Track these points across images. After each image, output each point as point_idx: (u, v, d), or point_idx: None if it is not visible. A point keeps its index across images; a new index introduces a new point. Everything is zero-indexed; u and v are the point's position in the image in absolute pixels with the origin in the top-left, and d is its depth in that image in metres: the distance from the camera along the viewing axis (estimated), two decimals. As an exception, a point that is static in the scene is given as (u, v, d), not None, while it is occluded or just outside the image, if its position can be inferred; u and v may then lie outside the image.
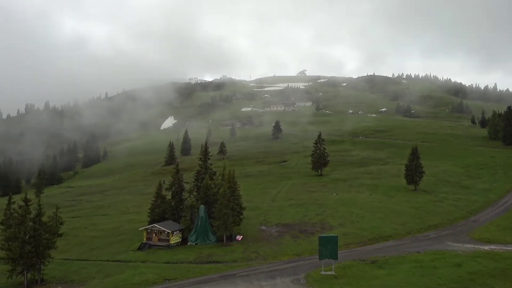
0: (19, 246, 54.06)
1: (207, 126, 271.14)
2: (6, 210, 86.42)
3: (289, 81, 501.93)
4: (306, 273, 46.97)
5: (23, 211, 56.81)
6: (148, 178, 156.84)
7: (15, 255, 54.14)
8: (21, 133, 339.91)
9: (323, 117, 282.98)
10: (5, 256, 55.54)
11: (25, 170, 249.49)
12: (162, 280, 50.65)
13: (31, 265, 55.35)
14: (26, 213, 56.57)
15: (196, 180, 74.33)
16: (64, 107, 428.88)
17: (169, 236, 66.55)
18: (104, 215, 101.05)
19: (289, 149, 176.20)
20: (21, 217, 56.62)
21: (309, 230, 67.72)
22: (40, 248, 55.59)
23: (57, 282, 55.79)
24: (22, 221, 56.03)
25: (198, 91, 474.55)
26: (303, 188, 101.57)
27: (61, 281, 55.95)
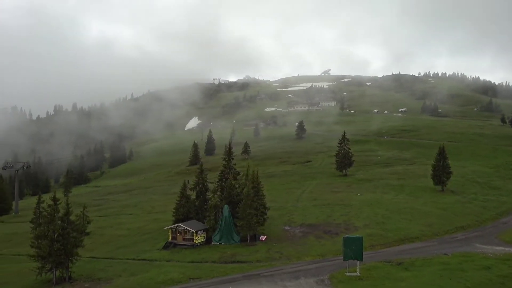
0: (48, 244, 55.36)
1: (231, 126, 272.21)
2: (35, 209, 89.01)
3: (313, 80, 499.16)
4: (330, 274, 46.56)
5: (52, 210, 58.15)
6: (173, 178, 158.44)
7: (44, 253, 55.48)
8: (51, 134, 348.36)
9: (347, 117, 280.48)
10: (35, 253, 57.03)
11: (54, 170, 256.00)
12: (187, 279, 51.03)
13: (60, 263, 56.58)
14: (55, 212, 57.89)
15: (220, 180, 74.63)
16: (91, 108, 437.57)
17: (194, 236, 67.03)
18: (130, 214, 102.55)
19: (313, 149, 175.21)
20: (50, 216, 57.96)
21: (334, 230, 67.15)
22: (68, 246, 56.78)
23: (84, 280, 56.88)
24: (51, 220, 57.36)
25: (222, 91, 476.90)
26: (327, 188, 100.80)
27: (88, 279, 57.01)
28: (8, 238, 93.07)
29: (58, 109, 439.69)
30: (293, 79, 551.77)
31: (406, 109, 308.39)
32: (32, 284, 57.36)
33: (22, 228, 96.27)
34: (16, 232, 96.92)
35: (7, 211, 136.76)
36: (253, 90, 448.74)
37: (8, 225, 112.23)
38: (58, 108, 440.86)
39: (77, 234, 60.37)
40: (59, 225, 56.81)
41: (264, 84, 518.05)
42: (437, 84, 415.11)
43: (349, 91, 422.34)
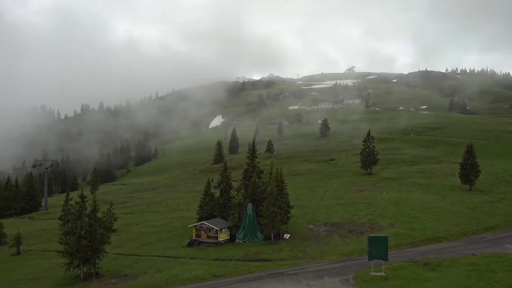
0: (76, 241, 56.68)
1: (254, 124, 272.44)
2: (64, 206, 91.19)
3: (338, 78, 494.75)
4: (355, 274, 46.14)
5: (79, 207, 59.50)
6: (197, 176, 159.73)
7: (72, 249, 56.81)
8: (78, 133, 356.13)
9: (372, 115, 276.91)
10: (63, 250, 58.46)
11: (81, 167, 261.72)
12: (211, 277, 51.42)
13: (87, 259, 57.84)
14: (82, 209, 59.23)
15: (244, 178, 74.81)
16: (117, 107, 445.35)
17: (218, 234, 67.45)
18: (156, 211, 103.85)
19: (337, 147, 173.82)
20: (77, 213, 59.32)
21: (358, 229, 66.49)
22: (95, 242, 58.00)
23: (111, 276, 57.97)
24: (78, 217, 58.68)
25: (246, 90, 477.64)
26: (351, 187, 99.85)
27: (115, 275, 58.08)
28: (38, 234, 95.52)
29: (85, 108, 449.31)
30: (317, 76, 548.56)
31: (427, 107, 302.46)
32: (61, 280, 58.79)
33: (51, 225, 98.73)
34: (45, 229, 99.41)
35: (36, 208, 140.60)
36: (277, 88, 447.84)
37: (38, 222, 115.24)
38: (85, 107, 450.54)
39: (104, 231, 61.59)
40: (86, 222, 58.07)
41: (288, 82, 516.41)
42: (466, 81, 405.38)
43: (374, 89, 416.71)
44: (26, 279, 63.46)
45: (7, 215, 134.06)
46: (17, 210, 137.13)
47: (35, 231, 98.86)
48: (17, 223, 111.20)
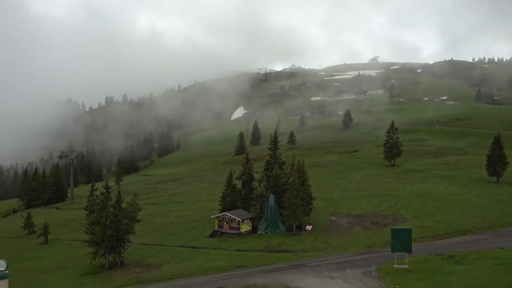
0: (101, 230, 57.88)
1: (276, 115, 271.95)
2: (89, 196, 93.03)
3: (361, 68, 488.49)
4: (378, 266, 45.75)
5: (104, 197, 60.62)
6: (220, 167, 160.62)
7: (98, 238, 58.06)
8: (103, 125, 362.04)
9: (396, 105, 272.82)
10: (89, 239, 59.82)
11: (106, 159, 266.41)
12: (233, 267, 51.77)
13: (112, 249, 59.03)
14: (107, 199, 60.33)
15: (266, 170, 74.84)
16: (140, 99, 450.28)
17: (240, 224, 67.81)
18: (178, 202, 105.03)
19: (360, 138, 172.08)
20: (103, 203, 60.48)
21: (381, 222, 65.86)
22: (120, 232, 59.10)
23: (135, 265, 59.02)
24: (103, 207, 59.84)
25: (268, 81, 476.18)
26: (374, 178, 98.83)
27: (139, 265, 59.11)
28: (65, 224, 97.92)
29: (109, 100, 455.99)
30: (340, 67, 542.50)
31: (447, 97, 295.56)
32: (87, 268, 60.20)
33: (77, 215, 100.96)
34: (72, 218, 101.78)
35: (63, 198, 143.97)
36: (299, 79, 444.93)
37: (64, 212, 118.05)
38: (110, 99, 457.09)
39: (128, 221, 62.73)
40: (111, 212, 59.17)
41: (310, 73, 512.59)
42: (494, 70, 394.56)
43: (399, 79, 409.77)
44: (54, 267, 65.26)
45: (35, 205, 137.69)
46: (45, 200, 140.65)
47: (62, 220, 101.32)
48: (44, 212, 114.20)
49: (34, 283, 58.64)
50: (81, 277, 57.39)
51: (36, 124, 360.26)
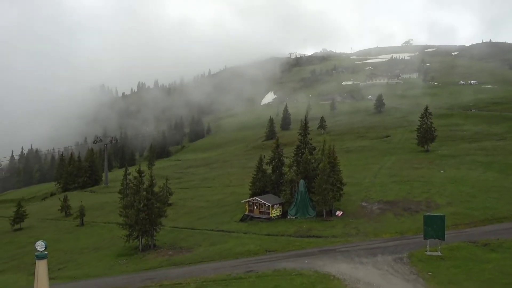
0: (134, 214, 59.29)
1: (306, 100, 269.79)
2: (123, 180, 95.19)
3: (394, 52, 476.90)
4: (409, 252, 45.12)
5: (137, 181, 61.94)
6: (250, 152, 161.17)
7: (131, 221, 59.54)
8: (135, 110, 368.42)
9: (431, 89, 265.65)
10: (123, 222, 61.42)
11: (138, 143, 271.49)
12: (264, 251, 52.14)
13: (145, 231, 60.45)
14: (140, 183, 61.63)
15: (296, 155, 74.60)
16: (171, 85, 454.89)
17: (270, 209, 68.08)
18: (209, 187, 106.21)
19: (392, 123, 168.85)
20: (136, 187, 61.83)
21: (414, 208, 64.78)
22: (152, 216, 60.40)
23: (167, 248, 60.30)
24: (136, 191, 61.17)
25: (299, 65, 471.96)
26: (407, 164, 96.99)
27: (171, 247, 60.36)
28: (99, 207, 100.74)
29: (141, 86, 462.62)
30: (372, 51, 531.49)
31: (476, 81, 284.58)
32: (122, 250, 61.92)
33: (112, 198, 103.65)
34: (106, 202, 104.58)
35: (98, 182, 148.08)
36: (330, 64, 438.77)
37: (99, 195, 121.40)
38: (142, 85, 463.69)
39: (161, 204, 64.00)
40: (144, 196, 60.44)
41: (341, 57, 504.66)
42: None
43: (433, 62, 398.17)
44: (90, 249, 67.46)
45: (71, 189, 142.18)
46: (80, 184, 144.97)
47: (97, 203, 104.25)
48: (80, 196, 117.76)
49: (71, 263, 60.83)
50: (116, 258, 59.10)
51: (72, 110, 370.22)
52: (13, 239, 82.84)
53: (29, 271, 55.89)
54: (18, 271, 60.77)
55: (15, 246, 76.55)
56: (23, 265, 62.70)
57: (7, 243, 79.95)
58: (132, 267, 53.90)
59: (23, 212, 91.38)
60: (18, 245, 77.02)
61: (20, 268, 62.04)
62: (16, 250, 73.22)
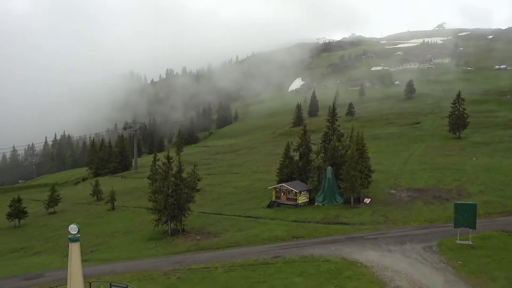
0: (163, 199, 60.32)
1: (335, 86, 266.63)
2: (152, 166, 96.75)
3: (425, 36, 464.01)
4: (439, 241, 44.44)
5: (166, 167, 62.90)
6: (277, 139, 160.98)
7: (160, 206, 60.64)
8: (164, 97, 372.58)
9: (464, 74, 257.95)
10: (153, 207, 62.62)
11: (167, 130, 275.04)
12: (291, 238, 52.34)
13: (174, 216, 61.48)
14: (168, 169, 62.57)
15: (324, 142, 74.07)
16: (199, 71, 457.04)
17: (297, 196, 68.07)
18: (237, 173, 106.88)
19: (423, 109, 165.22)
20: (164, 173, 62.83)
21: (444, 196, 63.55)
22: (181, 201, 61.32)
23: (196, 233, 61.25)
24: (165, 177, 62.14)
25: (327, 51, 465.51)
26: (438, 151, 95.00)
27: (199, 232, 61.27)
28: (130, 191, 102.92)
29: (169, 73, 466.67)
30: (402, 35, 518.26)
31: (506, 66, 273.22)
32: (151, 234, 63.26)
33: (141, 183, 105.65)
34: (136, 187, 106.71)
35: (128, 168, 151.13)
36: (360, 49, 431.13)
37: (129, 180, 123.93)
38: (170, 72, 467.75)
39: (189, 190, 64.82)
40: (172, 181, 61.34)
41: (371, 42, 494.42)
42: None
43: (467, 46, 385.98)
44: (121, 232, 69.16)
45: (102, 174, 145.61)
46: (111, 169, 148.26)
47: (127, 188, 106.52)
48: (111, 181, 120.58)
49: (103, 246, 62.56)
50: (146, 242, 60.45)
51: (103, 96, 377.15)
52: (47, 222, 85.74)
53: (63, 253, 57.80)
54: (53, 253, 62.95)
55: (49, 229, 79.23)
56: (57, 247, 64.86)
57: (42, 226, 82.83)
58: (161, 251, 55.04)
59: (56, 196, 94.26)
60: (52, 228, 79.69)
61: (54, 250, 64.23)
62: (51, 233, 75.78)
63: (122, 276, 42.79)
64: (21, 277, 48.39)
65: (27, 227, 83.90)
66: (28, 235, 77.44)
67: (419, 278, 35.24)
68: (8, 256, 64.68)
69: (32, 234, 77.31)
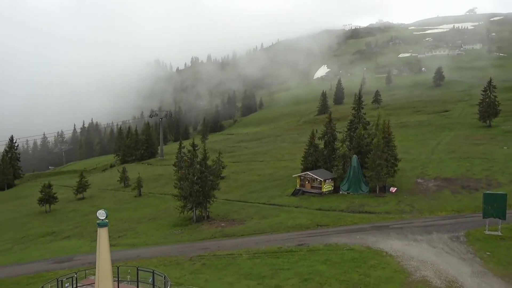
0: (189, 186, 61.05)
1: (361, 74, 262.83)
2: (177, 153, 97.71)
3: (456, 21, 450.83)
4: (466, 231, 43.64)
5: (191, 155, 63.50)
6: (302, 127, 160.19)
7: (186, 193, 61.39)
8: (190, 85, 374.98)
9: (496, 61, 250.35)
10: (178, 194, 63.45)
11: (192, 118, 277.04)
12: (315, 226, 52.32)
13: (199, 203, 62.20)
14: (194, 157, 63.16)
15: (349, 130, 73.32)
16: (224, 59, 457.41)
17: (321, 184, 67.79)
18: (261, 161, 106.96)
19: (452, 97, 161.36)
20: (190, 160, 63.46)
21: (473, 186, 62.19)
22: (206, 188, 61.94)
23: (220, 220, 61.85)
24: (191, 164, 62.78)
25: (354, 38, 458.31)
26: (467, 140, 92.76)
27: (224, 219, 61.85)
28: (156, 178, 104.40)
29: (194, 60, 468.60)
30: (431, 21, 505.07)
31: None
32: (177, 221, 64.21)
33: (167, 170, 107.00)
34: (162, 174, 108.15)
35: (154, 155, 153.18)
36: (387, 35, 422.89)
37: (155, 168, 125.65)
38: (195, 60, 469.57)
39: (214, 177, 65.49)
40: (198, 169, 61.97)
41: (399, 28, 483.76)
42: None
43: (500, 31, 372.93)
44: (147, 218, 70.44)
45: (129, 161, 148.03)
46: (137, 156, 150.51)
47: (153, 175, 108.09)
48: (137, 168, 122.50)
49: (130, 231, 63.88)
50: (171, 228, 61.43)
51: (129, 84, 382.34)
52: (76, 207, 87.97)
53: (91, 238, 59.34)
54: (82, 237, 64.68)
55: (78, 214, 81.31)
56: (86, 232, 66.59)
57: (72, 211, 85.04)
58: (187, 237, 55.86)
59: (85, 183, 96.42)
60: (81, 213, 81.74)
61: (83, 234, 65.97)
62: (80, 218, 77.78)
63: (148, 261, 43.69)
64: (52, 260, 49.99)
65: (57, 212, 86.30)
66: (58, 220, 79.71)
67: (445, 268, 34.77)
68: (40, 240, 66.83)
69: (62, 219, 79.55)
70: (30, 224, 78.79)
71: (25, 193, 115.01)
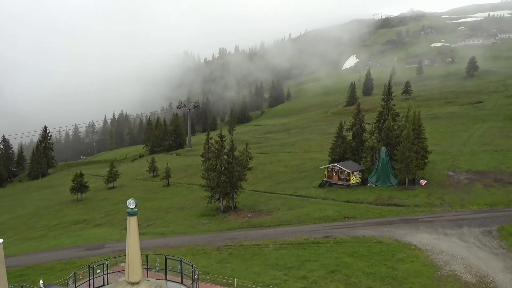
0: (216, 176, 61.53)
1: (391, 64, 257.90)
2: (205, 144, 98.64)
3: (491, 9, 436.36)
4: (499, 226, 42.52)
5: (219, 146, 63.91)
6: (329, 118, 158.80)
7: (213, 183, 61.91)
8: (219, 76, 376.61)
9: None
10: (206, 184, 64.06)
11: (219, 109, 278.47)
12: (342, 218, 51.95)
13: (226, 194, 62.66)
14: (221, 147, 63.54)
15: (378, 121, 72.25)
16: (251, 50, 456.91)
17: (349, 176, 67.16)
18: (288, 152, 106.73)
19: (486, 88, 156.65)
20: (217, 151, 63.90)
21: (506, 179, 60.38)
22: (233, 179, 62.29)
23: (247, 210, 62.15)
24: (218, 155, 63.21)
25: (384, 27, 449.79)
26: (501, 132, 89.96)
27: (251, 210, 62.12)
28: (184, 169, 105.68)
29: (222, 52, 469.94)
30: (465, 9, 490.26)
31: None
32: (204, 211, 64.90)
33: (195, 161, 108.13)
34: (190, 164, 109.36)
35: (182, 146, 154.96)
36: (418, 24, 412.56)
37: (183, 158, 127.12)
38: (223, 51, 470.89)
39: (241, 168, 65.70)
40: (225, 159, 62.34)
41: (430, 17, 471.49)
42: None
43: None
44: (175, 208, 71.49)
45: (158, 151, 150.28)
46: (166, 147, 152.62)
47: (181, 166, 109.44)
48: (166, 158, 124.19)
49: (159, 220, 65.00)
50: (199, 218, 62.15)
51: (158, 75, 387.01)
52: (107, 196, 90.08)
53: (121, 226, 60.72)
54: (112, 225, 66.23)
55: (109, 203, 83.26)
56: (116, 220, 68.15)
57: (103, 200, 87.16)
58: (214, 227, 56.42)
59: (115, 172, 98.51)
60: (112, 202, 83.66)
61: (113, 223, 67.54)
62: (110, 207, 79.63)
63: (176, 249, 44.38)
64: (84, 247, 51.40)
65: (88, 200, 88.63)
66: (89, 208, 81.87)
67: (476, 263, 34.03)
68: (72, 228, 68.83)
69: (93, 207, 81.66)
70: (62, 212, 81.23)
71: (58, 182, 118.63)
